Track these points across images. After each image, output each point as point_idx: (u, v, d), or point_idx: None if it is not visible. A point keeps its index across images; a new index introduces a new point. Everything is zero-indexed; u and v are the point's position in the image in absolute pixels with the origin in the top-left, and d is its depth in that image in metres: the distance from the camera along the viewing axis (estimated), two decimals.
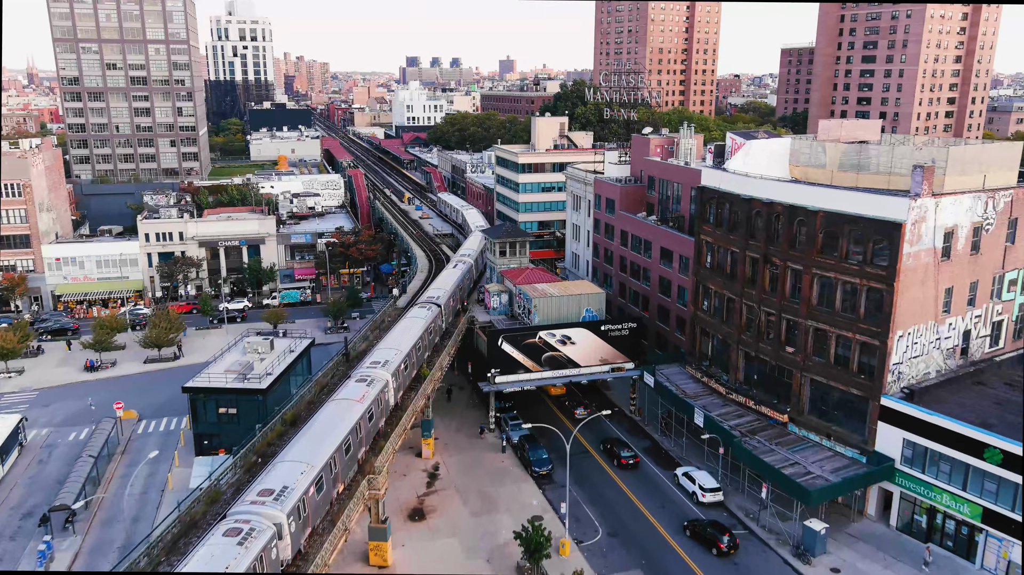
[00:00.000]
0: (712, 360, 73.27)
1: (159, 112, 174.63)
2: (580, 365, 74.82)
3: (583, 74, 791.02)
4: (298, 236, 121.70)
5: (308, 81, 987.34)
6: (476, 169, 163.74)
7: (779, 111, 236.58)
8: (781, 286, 63.34)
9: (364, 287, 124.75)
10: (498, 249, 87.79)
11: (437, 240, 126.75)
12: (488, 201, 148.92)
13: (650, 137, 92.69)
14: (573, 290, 77.67)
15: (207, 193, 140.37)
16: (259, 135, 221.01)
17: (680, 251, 78.63)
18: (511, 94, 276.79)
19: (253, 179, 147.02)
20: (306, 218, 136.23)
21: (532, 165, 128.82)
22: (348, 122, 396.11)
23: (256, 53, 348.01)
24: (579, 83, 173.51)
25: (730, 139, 72.66)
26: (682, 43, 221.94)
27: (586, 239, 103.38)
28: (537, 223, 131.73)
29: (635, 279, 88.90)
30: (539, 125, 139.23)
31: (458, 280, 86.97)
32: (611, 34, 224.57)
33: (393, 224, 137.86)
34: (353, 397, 53.33)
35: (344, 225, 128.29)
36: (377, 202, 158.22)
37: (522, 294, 78.01)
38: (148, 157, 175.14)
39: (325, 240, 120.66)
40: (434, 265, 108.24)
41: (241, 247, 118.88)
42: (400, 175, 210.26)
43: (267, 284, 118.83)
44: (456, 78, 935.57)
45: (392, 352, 62.14)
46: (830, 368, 60.36)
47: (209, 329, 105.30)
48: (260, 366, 70.72)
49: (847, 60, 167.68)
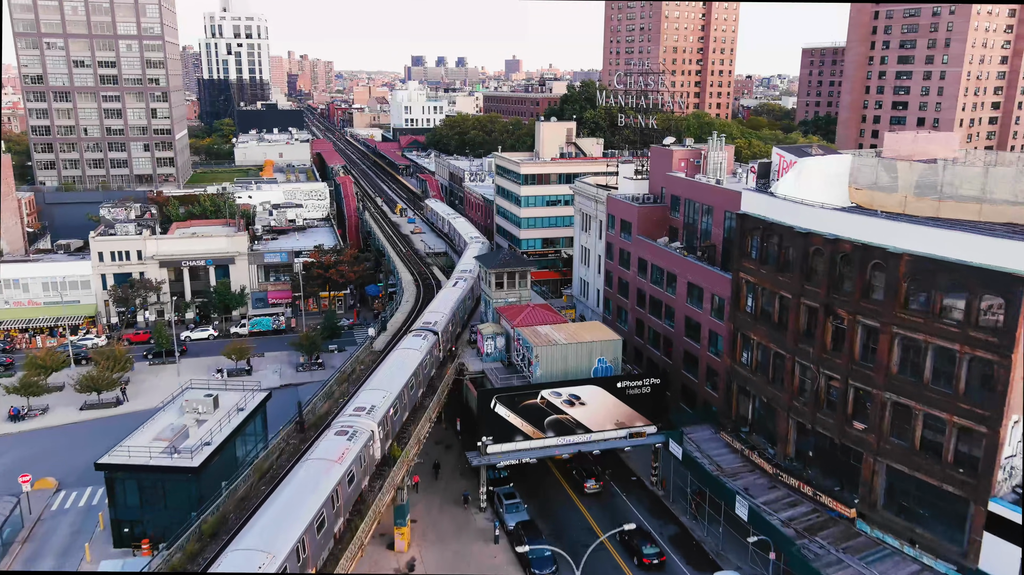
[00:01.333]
0: (754, 426, 59.83)
1: (131, 114, 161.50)
2: (591, 429, 61.42)
3: (590, 74, 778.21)
4: (272, 255, 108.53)
5: (312, 80, 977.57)
6: (475, 177, 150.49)
7: (799, 115, 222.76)
8: (848, 345, 49.88)
9: (347, 311, 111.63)
10: (494, 280, 74.46)
11: (428, 260, 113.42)
12: (487, 213, 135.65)
13: (673, 149, 79.25)
14: (583, 336, 64.24)
15: (177, 204, 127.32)
16: (246, 138, 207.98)
17: (712, 289, 65.11)
18: (515, 95, 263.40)
19: (230, 188, 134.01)
20: (285, 232, 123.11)
21: (536, 176, 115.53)
22: (347, 123, 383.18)
23: (251, 51, 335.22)
24: (588, 84, 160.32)
25: (777, 156, 59.15)
26: (698, 42, 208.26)
27: (597, 265, 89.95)
28: (541, 240, 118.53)
29: (655, 317, 75.43)
30: (544, 131, 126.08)
31: (457, 301, 76.82)
32: (622, 32, 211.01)
33: (380, 240, 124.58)
34: (330, 456, 44.90)
35: (325, 242, 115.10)
36: (367, 213, 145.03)
37: (521, 340, 64.63)
38: (119, 162, 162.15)
39: (302, 260, 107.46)
40: (422, 292, 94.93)
41: (208, 267, 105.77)
42: (395, 182, 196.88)
43: (237, 309, 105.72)
44: (462, 77, 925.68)
45: (379, 395, 53.07)
46: (914, 455, 46.87)
47: (164, 364, 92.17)
48: (197, 433, 57.44)
49: (881, 60, 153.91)
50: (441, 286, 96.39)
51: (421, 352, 62.28)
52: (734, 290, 60.76)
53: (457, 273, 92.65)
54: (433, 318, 71.08)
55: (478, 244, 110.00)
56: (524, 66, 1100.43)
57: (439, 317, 71.38)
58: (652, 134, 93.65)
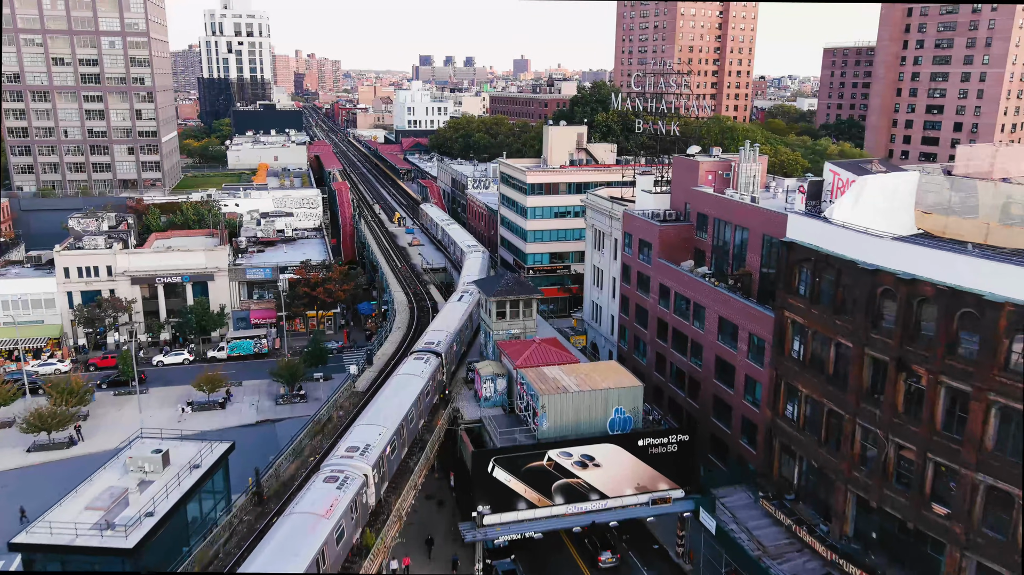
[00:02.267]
0: (801, 494, 50.41)
1: (115, 115, 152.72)
2: (607, 495, 52.06)
3: (599, 75, 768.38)
4: (256, 271, 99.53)
5: (319, 79, 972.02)
6: (479, 184, 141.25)
7: (820, 118, 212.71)
8: (928, 410, 40.44)
9: (337, 331, 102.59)
10: (495, 309, 65.13)
11: (425, 278, 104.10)
12: (491, 224, 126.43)
13: (699, 160, 69.78)
14: (598, 381, 54.85)
15: (158, 212, 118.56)
16: (240, 140, 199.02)
17: (750, 327, 55.64)
18: (522, 96, 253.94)
19: (216, 195, 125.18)
20: (273, 244, 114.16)
21: (543, 186, 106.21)
22: (351, 124, 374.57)
23: (252, 49, 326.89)
24: (599, 86, 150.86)
25: (830, 172, 49.67)
26: (715, 41, 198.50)
27: (611, 288, 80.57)
28: (548, 255, 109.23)
29: (679, 353, 66.00)
30: (552, 136, 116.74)
31: (462, 318, 70.99)
32: (635, 31, 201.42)
33: (374, 253, 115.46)
34: (316, 509, 39.57)
35: (314, 256, 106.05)
36: (362, 222, 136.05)
37: (526, 384, 55.31)
38: (102, 166, 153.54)
39: (287, 277, 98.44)
40: (416, 316, 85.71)
41: (185, 284, 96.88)
42: (396, 188, 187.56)
43: (216, 330, 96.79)
44: (470, 77, 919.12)
45: (375, 432, 47.58)
46: (1017, 554, 37.38)
47: (131, 395, 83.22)
48: (140, 499, 48.34)
49: (915, 61, 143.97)
50: (438, 309, 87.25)
51: (423, 378, 56.29)
52: (777, 331, 51.36)
53: (462, 286, 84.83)
54: (436, 337, 64.90)
55: (477, 254, 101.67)
56: (533, 66, 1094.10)
57: (442, 336, 65.28)
58: (672, 141, 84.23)
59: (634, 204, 78.91)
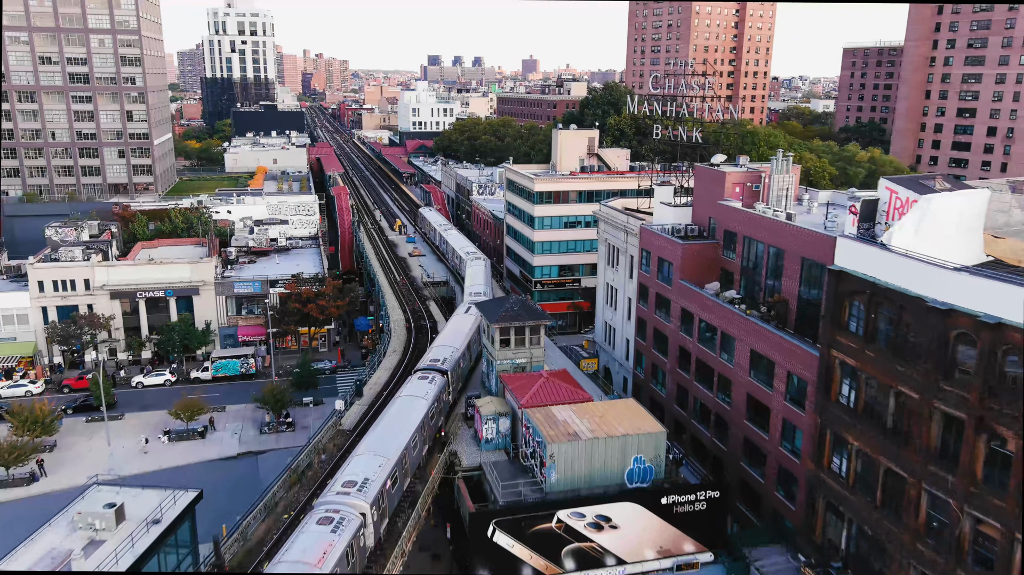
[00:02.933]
0: (849, 562, 43.59)
1: (105, 116, 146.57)
2: (625, 560, 45.29)
3: (609, 75, 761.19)
4: (244, 284, 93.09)
5: (327, 79, 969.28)
6: (484, 190, 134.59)
7: (839, 120, 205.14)
8: (1018, 482, 33.58)
9: (331, 349, 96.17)
10: (498, 336, 58.47)
11: (426, 293, 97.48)
12: (496, 233, 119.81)
13: (725, 170, 62.92)
14: (614, 426, 48.10)
15: (145, 220, 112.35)
16: (238, 142, 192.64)
17: (788, 365, 48.77)
18: (530, 97, 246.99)
19: (208, 201, 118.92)
20: (266, 254, 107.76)
21: (552, 194, 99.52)
22: (357, 124, 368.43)
23: (256, 48, 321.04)
24: (611, 87, 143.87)
25: (886, 190, 42.83)
26: (731, 41, 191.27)
27: (626, 309, 73.78)
28: (556, 268, 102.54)
29: (704, 387, 59.17)
30: (562, 140, 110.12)
31: (470, 333, 67.77)
32: (647, 30, 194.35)
33: (372, 265, 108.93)
34: (308, 558, 35.93)
35: (308, 267, 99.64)
36: (362, 230, 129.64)
37: (532, 429, 48.61)
38: (92, 170, 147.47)
39: (278, 291, 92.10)
40: (413, 339, 79.09)
41: (168, 299, 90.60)
42: (399, 192, 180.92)
43: (202, 348, 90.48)
44: (478, 77, 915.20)
45: (374, 464, 43.56)
46: None
47: (105, 421, 76.92)
48: (84, 566, 41.77)
49: (945, 62, 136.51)
50: (437, 329, 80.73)
51: (427, 400, 53.00)
52: (823, 372, 44.56)
53: (468, 298, 79.69)
54: (441, 354, 61.56)
55: (479, 263, 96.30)
56: (541, 66, 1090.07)
57: (448, 353, 62.07)
58: (692, 148, 77.47)
59: (651, 217, 72.20)
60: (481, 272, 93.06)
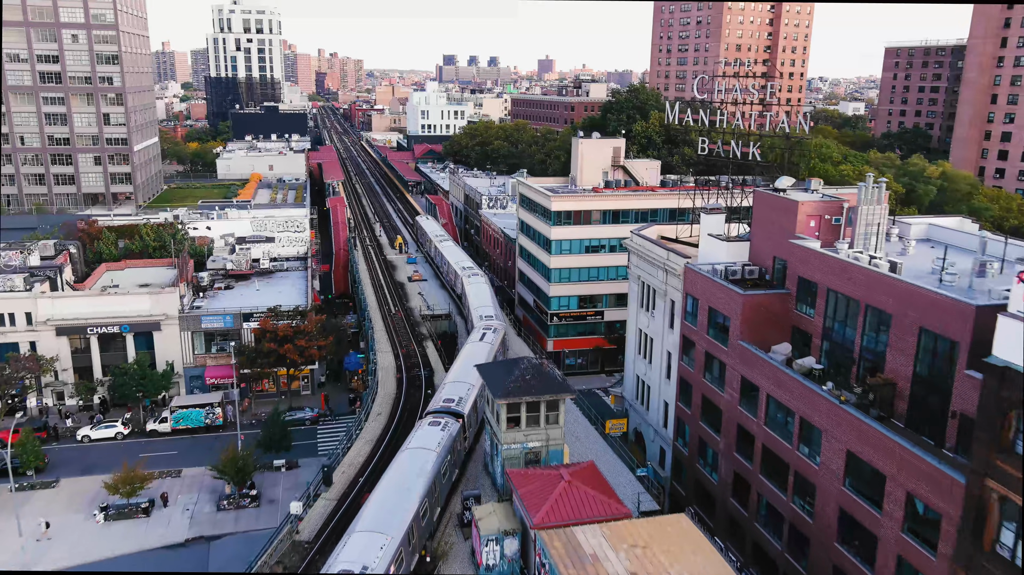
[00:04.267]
0: None
1: (79, 119, 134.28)
2: None
3: (626, 75, 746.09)
4: (213, 318, 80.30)
5: (341, 79, 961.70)
6: (494, 203, 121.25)
7: (879, 126, 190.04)
8: None
9: (315, 393, 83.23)
10: (505, 414, 45.17)
11: (424, 330, 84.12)
12: (508, 253, 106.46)
13: (796, 198, 49.25)
14: (662, 561, 34.57)
15: (113, 237, 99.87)
16: (233, 147, 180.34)
17: (908, 483, 35.00)
18: (546, 98, 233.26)
19: (186, 215, 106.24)
20: (246, 278, 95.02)
21: (572, 214, 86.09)
22: (367, 126, 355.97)
23: (262, 47, 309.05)
24: (636, 89, 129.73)
25: None
26: (765, 39, 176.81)
27: (663, 364, 60.15)
28: (576, 299, 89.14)
29: (773, 483, 45.46)
30: (583, 150, 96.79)
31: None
32: (674, 27, 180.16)
33: (364, 292, 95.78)
34: None
35: (291, 295, 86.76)
36: (358, 248, 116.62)
37: (548, 565, 35.18)
38: (65, 178, 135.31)
39: (252, 326, 79.27)
40: (403, 397, 65.63)
41: (124, 336, 77.98)
42: (404, 203, 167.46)
43: (163, 393, 77.75)
44: (494, 77, 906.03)
45: (375, 546, 36.13)
46: None
47: (35, 490, 64.29)
48: None
49: (1015, 62, 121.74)
50: (434, 382, 67.58)
51: (438, 453, 45.46)
52: (971, 506, 30.88)
53: (480, 323, 69.52)
54: (456, 392, 53.83)
55: (478, 280, 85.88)
56: (557, 66, 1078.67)
57: (464, 390, 54.14)
58: (747, 166, 64.09)
59: (695, 251, 58.75)
60: (486, 291, 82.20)
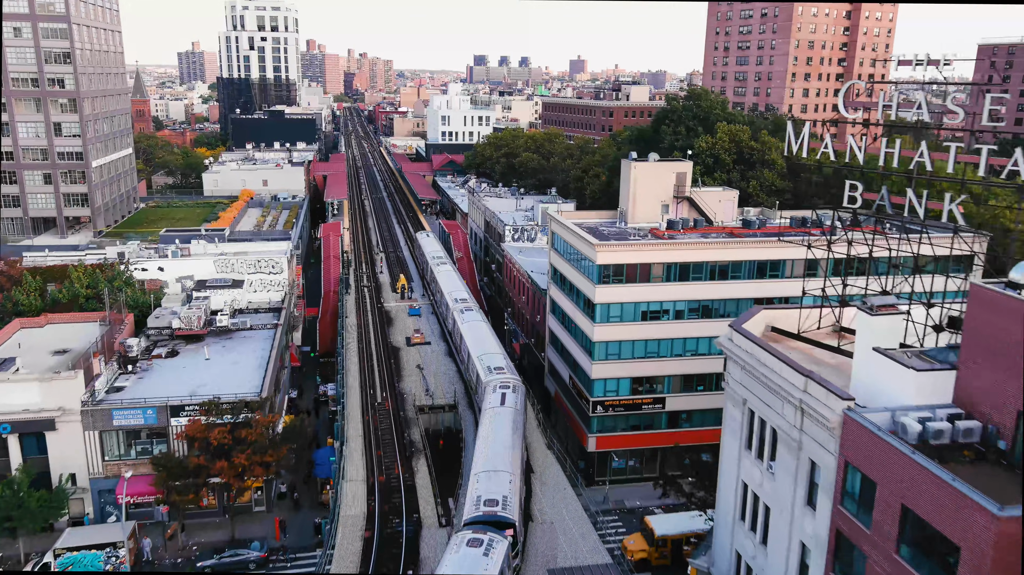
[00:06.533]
0: None
1: (23, 130, 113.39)
2: None
3: (660, 76, 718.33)
4: (128, 413, 58.49)
5: (370, 79, 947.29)
6: (520, 234, 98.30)
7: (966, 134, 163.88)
8: None
9: (271, 508, 61.16)
10: None
11: (416, 437, 60.87)
12: (537, 305, 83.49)
13: None
14: None
15: (38, 282, 78.84)
16: (227, 157, 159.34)
17: None
18: (581, 103, 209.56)
19: (133, 252, 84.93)
20: (198, 338, 73.31)
21: (624, 268, 62.95)
22: (388, 130, 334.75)
23: (277, 46, 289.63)
24: (699, 94, 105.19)
25: None
26: (841, 35, 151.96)
27: (791, 555, 36.53)
28: (628, 381, 66.06)
29: None
30: (637, 176, 73.79)
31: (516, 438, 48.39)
32: (733, 21, 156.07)
33: (345, 362, 73.12)
34: None
35: (244, 378, 64.65)
36: (349, 292, 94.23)
37: None
38: (10, 200, 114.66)
39: (184, 425, 57.49)
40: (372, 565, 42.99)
41: (4, 437, 56.59)
42: (418, 226, 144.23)
43: (58, 517, 56.22)
44: (524, 77, 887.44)
45: None
46: None
47: None
48: None
49: None
50: (419, 542, 44.85)
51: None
52: None
53: (487, 374, 57.04)
54: (496, 488, 40.94)
55: (474, 318, 71.34)
56: (589, 66, 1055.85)
57: (506, 485, 41.52)
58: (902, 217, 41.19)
59: (848, 361, 35.57)
60: (488, 336, 67.51)
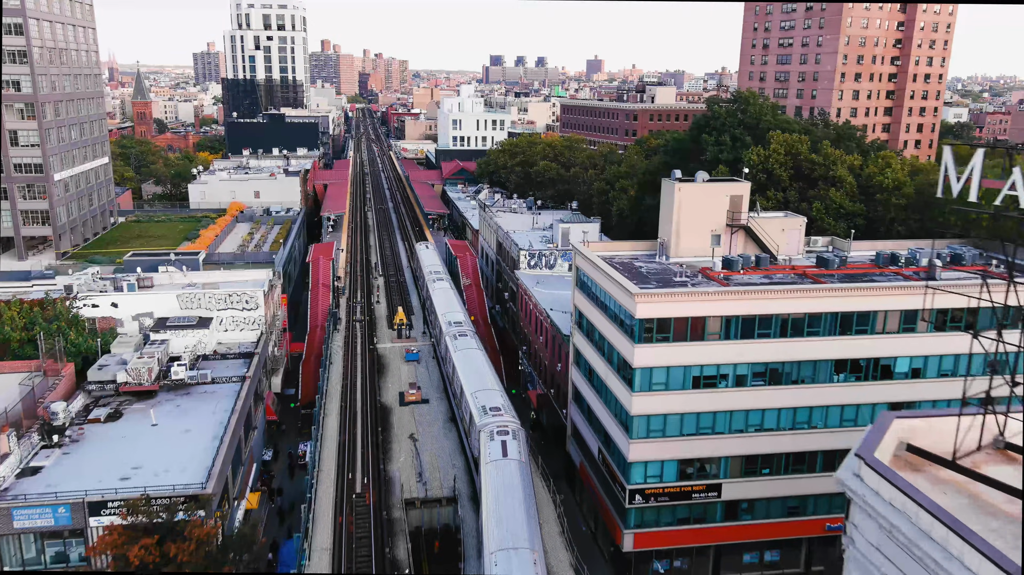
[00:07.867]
0: None
1: None
2: None
3: (679, 76, 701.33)
4: (34, 513, 45.65)
5: (385, 80, 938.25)
6: (538, 261, 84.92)
7: (1017, 135, 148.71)
8: None
9: None
10: None
11: (401, 555, 47.60)
12: (557, 350, 69.91)
13: None
14: None
15: None
16: (215, 167, 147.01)
17: None
18: (602, 105, 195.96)
19: (83, 285, 72.61)
20: (149, 395, 60.54)
21: (670, 323, 49.35)
22: (400, 133, 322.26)
23: (283, 45, 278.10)
24: (744, 97, 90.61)
25: None
26: (895, 31, 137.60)
27: None
28: (675, 464, 52.35)
29: None
30: (683, 200, 60.21)
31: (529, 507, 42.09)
32: (774, 16, 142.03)
33: (320, 432, 60.00)
34: None
35: (203, 443, 51.70)
36: (339, 328, 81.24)
37: None
38: None
39: (106, 522, 44.66)
40: None
41: None
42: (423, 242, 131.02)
43: None
44: (541, 78, 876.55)
45: None
46: None
47: None
48: None
49: None
50: None
51: None
52: None
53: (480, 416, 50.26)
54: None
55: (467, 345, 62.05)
56: (606, 66, 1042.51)
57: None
58: None
59: None
60: (484, 368, 57.74)
